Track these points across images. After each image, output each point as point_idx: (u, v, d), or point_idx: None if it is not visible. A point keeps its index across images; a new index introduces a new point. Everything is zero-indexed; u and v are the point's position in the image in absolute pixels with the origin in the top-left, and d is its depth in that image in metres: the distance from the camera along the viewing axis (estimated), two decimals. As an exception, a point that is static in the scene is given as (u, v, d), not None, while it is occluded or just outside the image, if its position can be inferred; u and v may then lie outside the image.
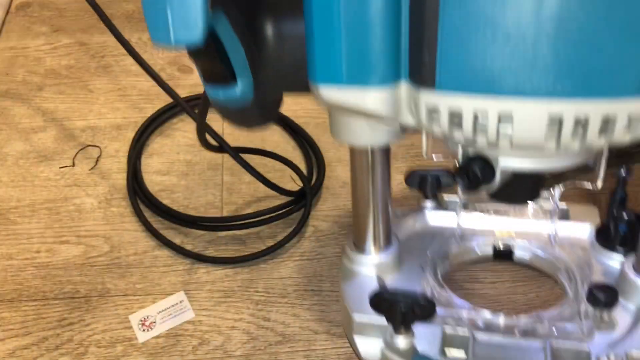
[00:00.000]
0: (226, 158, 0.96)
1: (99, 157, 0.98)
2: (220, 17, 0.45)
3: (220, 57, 0.48)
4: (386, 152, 0.61)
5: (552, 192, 0.70)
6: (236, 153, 0.87)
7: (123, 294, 0.81)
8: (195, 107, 0.99)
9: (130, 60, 0.91)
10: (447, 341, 0.62)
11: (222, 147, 0.87)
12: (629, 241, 0.65)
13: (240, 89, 0.50)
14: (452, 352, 0.62)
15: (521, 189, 0.53)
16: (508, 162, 0.48)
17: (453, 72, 0.42)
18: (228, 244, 0.86)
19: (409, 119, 0.48)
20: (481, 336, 0.62)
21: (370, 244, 0.67)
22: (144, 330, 0.77)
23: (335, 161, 0.96)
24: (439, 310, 0.61)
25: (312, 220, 0.89)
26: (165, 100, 1.02)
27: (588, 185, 0.56)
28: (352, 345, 0.67)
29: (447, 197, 0.77)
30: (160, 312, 0.78)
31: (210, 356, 0.74)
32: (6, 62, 1.14)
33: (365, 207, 0.64)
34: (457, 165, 0.50)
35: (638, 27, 0.37)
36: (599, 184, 0.53)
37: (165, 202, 0.91)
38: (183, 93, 1.02)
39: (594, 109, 0.40)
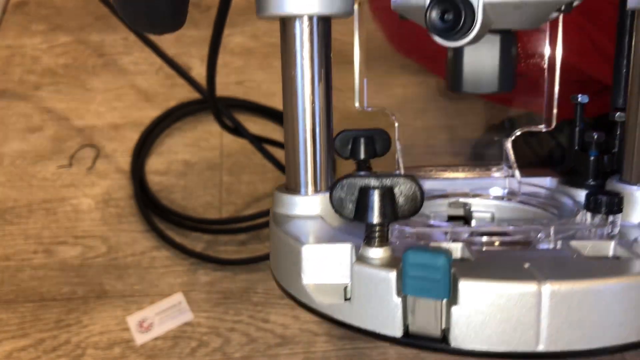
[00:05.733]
0: (225, 158, 0.96)
1: (96, 157, 0.97)
2: None
3: None
4: (328, 31, 0.48)
5: (505, 147, 0.62)
6: (254, 138, 0.86)
7: (121, 296, 0.80)
8: (196, 109, 0.99)
9: (128, 59, 0.90)
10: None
11: (238, 130, 0.84)
12: (602, 169, 0.56)
13: None
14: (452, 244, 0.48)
15: (497, 71, 0.47)
16: None
17: None
18: (227, 244, 0.85)
19: None
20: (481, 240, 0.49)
21: (309, 182, 0.51)
22: (142, 332, 0.76)
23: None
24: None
25: (312, 221, 0.88)
26: (165, 99, 1.01)
27: (541, 127, 0.53)
28: (297, 296, 0.50)
29: (381, 171, 0.64)
30: (158, 313, 0.78)
31: (209, 358, 0.73)
32: (3, 60, 1.13)
33: (302, 125, 0.49)
34: (427, 3, 0.42)
35: None
36: (553, 123, 0.49)
37: (164, 202, 0.90)
38: (183, 92, 1.01)
39: None
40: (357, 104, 0.49)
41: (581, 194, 0.56)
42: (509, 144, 0.60)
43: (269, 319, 0.77)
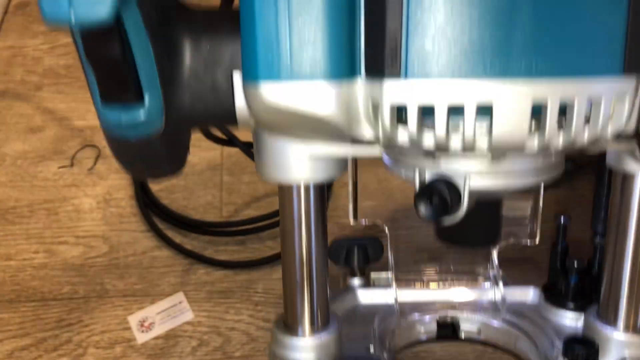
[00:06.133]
0: (226, 158, 0.96)
1: (97, 157, 0.97)
2: (131, 5, 0.37)
3: (126, 58, 0.39)
4: (322, 196, 0.51)
5: (491, 257, 0.65)
6: (247, 147, 0.86)
7: (122, 295, 0.80)
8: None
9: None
10: None
11: (231, 141, 0.85)
12: (580, 293, 0.60)
13: (147, 109, 0.40)
14: None
15: (483, 227, 0.49)
16: (476, 182, 0.42)
17: (423, 54, 0.36)
18: (228, 244, 0.86)
19: (364, 130, 0.40)
20: None
21: (305, 323, 0.54)
22: (143, 331, 0.76)
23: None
24: None
25: (312, 221, 0.88)
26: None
27: (526, 241, 0.55)
28: None
29: (375, 274, 0.67)
30: (159, 313, 0.78)
31: (210, 357, 0.74)
32: (4, 61, 1.14)
33: (299, 272, 0.52)
34: (417, 190, 0.43)
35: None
36: (537, 238, 0.51)
37: (164, 202, 0.90)
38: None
39: (580, 90, 0.36)
40: (351, 221, 0.52)
41: (562, 315, 0.60)
42: (495, 254, 0.62)
43: (269, 318, 0.77)
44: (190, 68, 0.42)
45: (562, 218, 0.60)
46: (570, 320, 0.61)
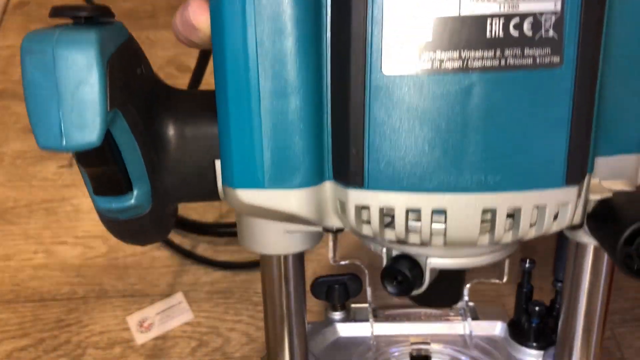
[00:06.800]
0: (225, 158, 0.96)
1: (96, 156, 0.97)
2: (117, 117, 0.40)
3: (115, 162, 0.42)
4: (301, 260, 0.56)
5: (461, 292, 0.70)
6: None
7: (121, 295, 0.80)
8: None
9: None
10: None
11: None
12: (542, 333, 0.66)
13: (136, 197, 0.44)
14: None
15: (446, 291, 0.54)
16: (437, 261, 0.47)
17: (382, 170, 0.41)
18: (227, 244, 0.86)
19: (333, 221, 0.45)
20: None
21: None
22: (142, 331, 0.76)
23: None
24: None
25: (312, 221, 0.88)
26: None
27: (495, 280, 0.58)
28: None
29: (355, 306, 0.73)
30: (158, 313, 0.78)
31: (209, 358, 0.74)
32: (3, 60, 1.13)
33: (279, 324, 0.57)
34: (383, 268, 0.48)
35: (560, 121, 0.39)
36: (505, 278, 0.54)
37: (164, 202, 0.90)
38: (181, 92, 1.01)
39: (526, 200, 0.41)
40: (331, 260, 0.56)
41: (525, 352, 0.66)
42: (465, 291, 0.66)
43: (269, 318, 0.77)
44: (175, 155, 0.46)
45: (526, 263, 0.65)
46: (533, 358, 0.66)
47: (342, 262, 0.56)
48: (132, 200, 0.44)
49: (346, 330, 0.71)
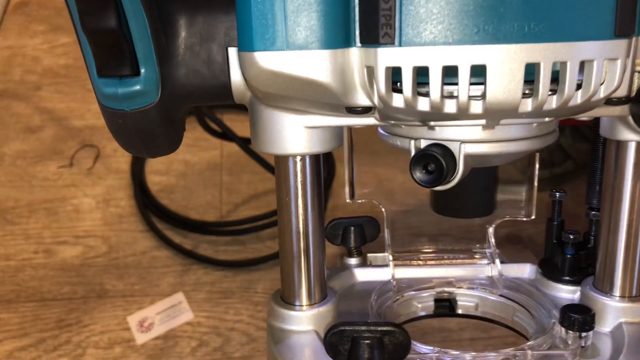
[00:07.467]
0: (225, 158, 0.96)
1: (96, 157, 0.97)
2: None
3: (122, 30, 0.40)
4: (318, 168, 0.52)
5: (488, 235, 0.66)
6: (244, 142, 0.86)
7: (121, 295, 0.80)
8: (196, 109, 0.98)
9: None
10: None
11: (227, 134, 0.85)
12: (577, 266, 0.61)
13: (144, 80, 0.42)
14: None
15: (480, 198, 0.50)
16: (470, 148, 0.43)
17: (416, 23, 0.37)
18: (227, 244, 0.86)
19: (359, 98, 0.41)
20: None
21: (303, 295, 0.54)
22: (142, 331, 0.76)
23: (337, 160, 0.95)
24: None
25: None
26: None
27: (521, 217, 0.55)
28: None
29: (372, 255, 0.67)
30: (158, 313, 0.78)
31: (210, 357, 0.74)
32: (4, 61, 1.13)
33: (295, 244, 0.52)
34: (412, 157, 0.44)
35: None
36: (533, 215, 0.52)
37: (164, 202, 0.90)
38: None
39: (572, 53, 0.37)
40: (347, 198, 0.52)
41: (559, 288, 0.61)
42: (491, 231, 0.63)
43: (269, 318, 0.77)
44: (185, 43, 0.43)
45: (557, 194, 0.60)
46: (567, 293, 0.61)
47: (359, 200, 0.53)
48: (138, 85, 0.42)
49: (364, 275, 0.65)
